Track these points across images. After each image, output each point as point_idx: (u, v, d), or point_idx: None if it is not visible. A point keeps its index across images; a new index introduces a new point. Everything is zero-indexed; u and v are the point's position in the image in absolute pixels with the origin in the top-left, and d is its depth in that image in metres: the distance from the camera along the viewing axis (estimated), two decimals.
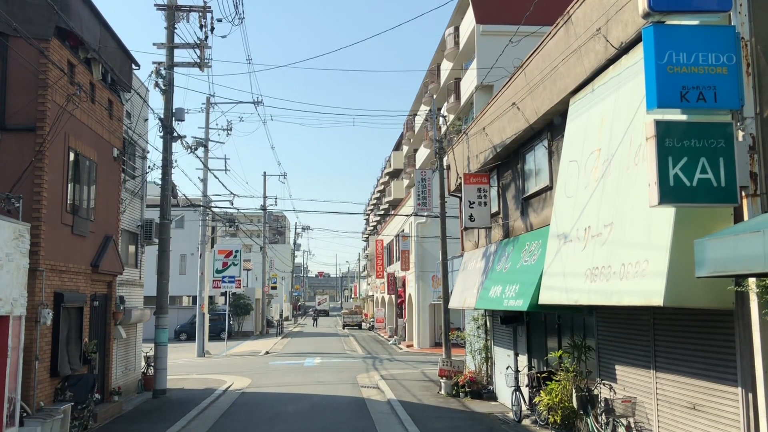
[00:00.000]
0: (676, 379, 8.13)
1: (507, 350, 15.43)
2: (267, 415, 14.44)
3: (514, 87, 13.67)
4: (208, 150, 30.09)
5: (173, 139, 18.68)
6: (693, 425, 7.74)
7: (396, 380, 20.11)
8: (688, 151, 6.31)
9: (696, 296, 6.81)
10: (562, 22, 10.97)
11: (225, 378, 21.11)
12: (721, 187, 6.31)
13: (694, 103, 6.32)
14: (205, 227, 29.96)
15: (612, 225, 8.38)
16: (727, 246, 5.27)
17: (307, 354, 30.81)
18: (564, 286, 9.64)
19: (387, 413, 14.45)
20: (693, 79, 6.33)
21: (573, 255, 9.52)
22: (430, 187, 22.70)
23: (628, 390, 9.39)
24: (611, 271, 8.15)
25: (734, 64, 6.39)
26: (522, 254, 12.71)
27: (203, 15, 19.06)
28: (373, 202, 76.62)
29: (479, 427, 12.93)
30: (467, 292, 16.01)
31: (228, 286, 32.37)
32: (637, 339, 9.16)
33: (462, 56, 36.89)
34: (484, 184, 16.33)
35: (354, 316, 58.45)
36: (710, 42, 6.41)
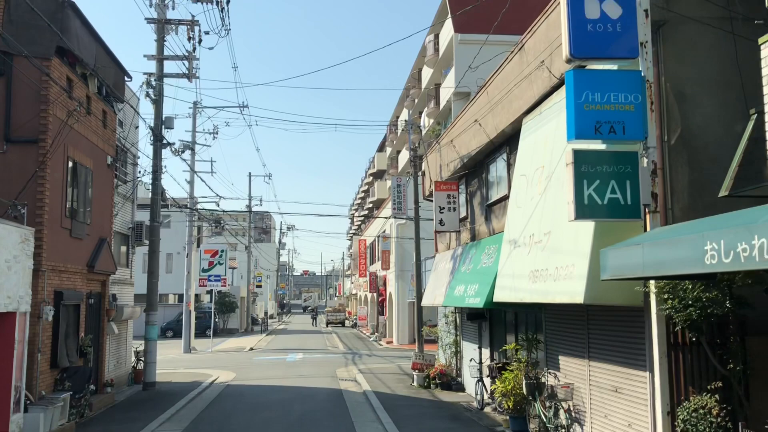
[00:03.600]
0: (604, 367, 9.43)
1: (473, 344, 16.72)
2: (250, 404, 15.64)
3: (478, 104, 14.95)
4: (194, 153, 31.19)
5: (163, 146, 19.80)
6: (616, 405, 9.04)
7: (373, 374, 21.36)
8: (600, 174, 7.60)
9: (611, 295, 8.11)
10: (517, 50, 12.25)
11: (211, 372, 22.26)
12: (627, 205, 7.61)
13: (606, 135, 7.60)
14: (192, 228, 31.03)
15: (550, 233, 9.67)
16: (620, 255, 6.55)
17: (290, 350, 32.00)
18: (513, 286, 10.93)
19: (361, 402, 15.69)
20: (605, 114, 7.62)
21: (520, 258, 10.80)
22: (405, 193, 23.98)
23: (569, 377, 10.69)
24: (548, 273, 9.45)
25: (640, 102, 7.69)
26: (482, 257, 14.00)
27: (191, 28, 20.16)
28: (358, 202, 77.83)
29: (444, 414, 14.21)
30: (437, 291, 17.30)
31: (214, 285, 33.48)
32: (575, 333, 10.46)
33: (441, 63, 38.17)
34: (454, 191, 17.62)
35: (337, 313, 59.65)
36: (620, 84, 7.69)
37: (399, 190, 24.28)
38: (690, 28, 8.33)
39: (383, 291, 39.28)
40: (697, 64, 8.37)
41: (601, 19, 7.68)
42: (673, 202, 8.12)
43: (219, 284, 33.66)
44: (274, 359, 27.51)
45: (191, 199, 30.41)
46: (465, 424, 12.97)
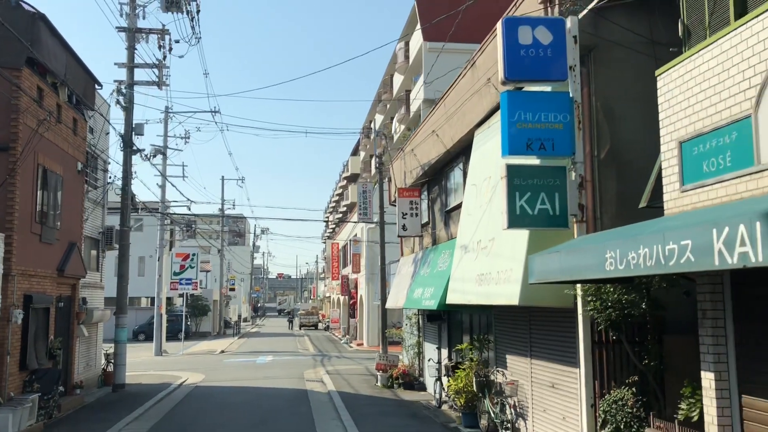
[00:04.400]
0: (543, 364, 10.14)
1: (433, 345, 17.38)
2: (217, 404, 16.13)
3: (436, 115, 15.64)
4: (166, 158, 31.49)
5: (133, 153, 20.20)
6: (553, 400, 9.74)
7: (340, 375, 21.93)
8: (531, 187, 8.29)
9: (543, 297, 8.81)
10: (469, 66, 12.96)
11: (180, 374, 22.65)
12: (556, 215, 8.31)
13: (537, 151, 8.30)
14: (163, 232, 31.33)
15: (494, 240, 10.36)
16: (543, 261, 7.24)
17: (261, 353, 32.42)
18: (463, 289, 11.61)
19: (325, 402, 16.27)
20: (536, 132, 8.31)
21: (469, 263, 11.49)
22: (370, 199, 24.63)
23: (514, 375, 11.39)
24: (491, 277, 10.14)
25: (568, 121, 8.39)
26: (439, 261, 14.68)
27: (161, 37, 20.61)
28: (332, 205, 78.29)
29: (404, 411, 14.85)
30: (400, 294, 17.95)
31: (185, 288, 33.78)
32: (520, 333, 11.16)
33: (411, 70, 38.90)
34: (416, 197, 18.29)
35: (310, 316, 60.00)
36: (550, 104, 8.40)
37: (365, 195, 24.92)
38: (618, 52, 9.05)
39: (354, 294, 39.85)
40: (625, 85, 9.10)
41: (533, 45, 8.36)
42: (602, 212, 8.84)
43: (190, 288, 33.97)
44: (244, 361, 27.94)
45: (163, 203, 30.72)
46: (421, 421, 13.62)
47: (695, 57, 5.82)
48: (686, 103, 5.91)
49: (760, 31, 4.93)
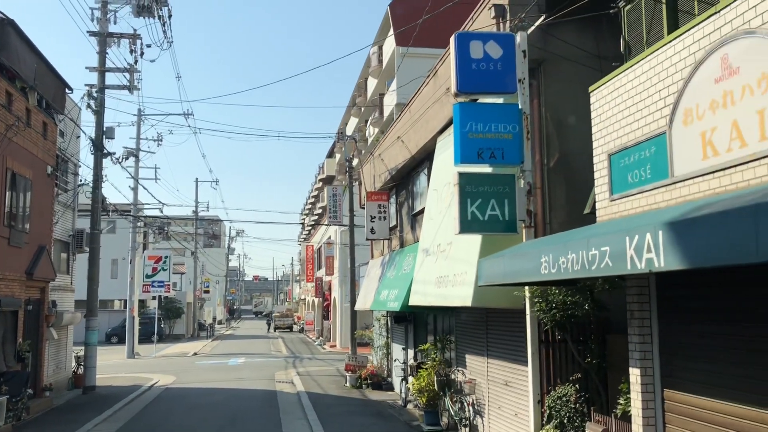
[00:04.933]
0: (498, 363, 10.57)
1: (401, 345, 17.79)
2: (186, 405, 16.36)
3: (403, 121, 16.05)
4: (138, 160, 31.54)
5: (104, 156, 20.33)
6: (506, 397, 10.18)
7: (310, 376, 22.24)
8: (482, 194, 8.71)
9: (495, 299, 9.24)
10: (432, 75, 13.38)
11: (152, 376, 22.77)
12: (505, 221, 8.73)
13: (488, 160, 8.72)
14: (135, 234, 31.36)
15: (452, 244, 10.78)
16: (490, 265, 7.65)
17: (234, 355, 32.58)
18: (424, 291, 12.01)
19: (293, 402, 16.58)
20: (487, 142, 8.73)
21: (430, 266, 11.89)
22: (340, 202, 24.98)
23: (473, 374, 11.81)
24: (449, 279, 10.55)
25: (517, 131, 8.82)
26: (404, 263, 15.08)
27: (133, 41, 20.77)
28: (308, 207, 78.41)
29: (369, 411, 15.21)
30: (368, 296, 18.31)
31: (157, 291, 33.82)
32: (478, 334, 11.58)
33: (385, 74, 39.31)
34: (384, 201, 18.68)
35: (285, 318, 60.12)
36: (501, 115, 8.82)
37: (335, 199, 25.27)
38: (567, 66, 9.51)
39: (328, 296, 40.14)
40: (573, 97, 9.54)
41: (484, 59, 8.79)
42: (552, 217, 9.29)
43: (163, 290, 34.01)
44: (216, 363, 28.10)
45: (135, 206, 30.76)
46: (385, 420, 14.00)
47: (622, 76, 6.28)
48: (614, 119, 6.36)
49: (672, 55, 5.38)
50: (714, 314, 5.47)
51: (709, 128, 4.88)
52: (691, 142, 5.10)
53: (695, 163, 5.06)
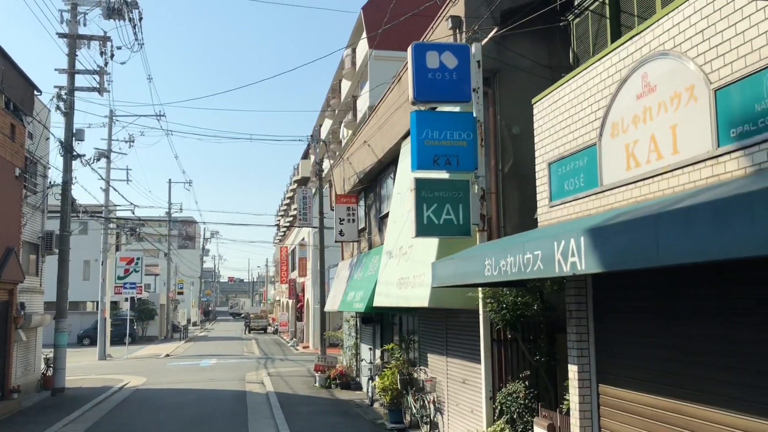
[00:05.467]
0: (457, 362, 10.93)
1: (369, 346, 18.10)
2: (155, 405, 16.50)
3: (370, 126, 16.37)
4: (110, 161, 31.47)
5: (73, 158, 20.36)
6: (464, 395, 10.53)
7: (281, 376, 22.45)
8: (438, 199, 9.06)
9: (451, 300, 9.58)
10: (396, 81, 13.71)
11: (123, 377, 22.81)
12: (460, 225, 9.09)
13: (443, 166, 9.07)
14: (107, 236, 31.28)
15: (412, 246, 11.11)
16: (442, 267, 7.99)
17: (206, 356, 32.64)
18: (387, 292, 12.33)
19: (262, 402, 16.80)
20: (442, 149, 9.08)
21: (393, 268, 12.22)
22: (310, 204, 25.25)
23: (434, 372, 12.16)
24: (409, 281, 10.88)
25: (472, 139, 9.19)
26: (370, 265, 15.40)
27: (103, 44, 20.84)
28: (284, 209, 78.39)
29: (336, 410, 15.50)
30: (336, 297, 18.60)
31: (129, 292, 33.74)
32: (438, 333, 11.93)
33: (358, 76, 39.63)
34: (353, 204, 18.99)
35: (259, 320, 60.10)
36: (456, 123, 9.18)
37: (305, 201, 25.53)
38: (521, 76, 9.90)
39: (302, 297, 40.31)
40: (527, 105, 9.86)
41: (440, 69, 9.14)
42: (506, 221, 9.67)
43: (134, 292, 33.94)
44: (187, 365, 28.17)
45: (106, 207, 30.70)
46: (351, 418, 14.30)
47: (560, 89, 6.65)
48: (553, 129, 6.74)
49: (602, 71, 5.77)
50: (639, 314, 5.86)
51: (632, 141, 5.26)
52: (617, 154, 5.49)
53: (620, 173, 5.45)
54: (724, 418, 4.92)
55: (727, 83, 4.25)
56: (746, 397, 4.68)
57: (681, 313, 5.36)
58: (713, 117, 4.37)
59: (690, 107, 4.59)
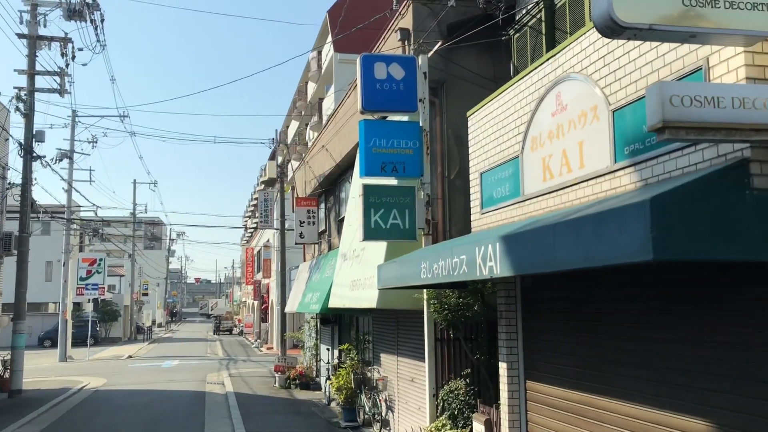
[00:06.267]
0: (406, 361, 11.32)
1: (327, 346, 18.42)
2: (114, 406, 16.60)
3: (329, 131, 16.71)
4: (72, 162, 31.28)
5: (33, 159, 20.31)
6: (412, 392, 10.93)
7: (242, 377, 22.63)
8: (385, 204, 9.44)
9: (398, 301, 9.97)
10: (353, 87, 14.06)
11: (83, 379, 22.76)
12: (406, 229, 9.48)
13: (390, 173, 9.45)
14: (69, 237, 31.09)
15: (364, 249, 11.48)
16: (386, 270, 8.36)
17: (169, 357, 32.59)
18: (341, 294, 12.67)
19: (220, 402, 17.01)
20: (390, 157, 9.46)
21: (347, 270, 12.57)
22: (272, 206, 25.46)
23: (386, 371, 12.54)
24: (361, 282, 11.24)
25: (418, 147, 9.59)
26: (327, 268, 15.73)
27: (64, 45, 20.80)
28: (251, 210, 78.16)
29: (293, 409, 15.79)
30: (296, 299, 18.89)
31: (91, 294, 33.56)
32: (390, 334, 12.32)
33: (324, 79, 39.88)
34: (313, 207, 19.30)
35: (225, 321, 59.92)
36: (402, 132, 9.57)
37: (266, 203, 25.74)
38: (467, 86, 10.33)
39: (266, 298, 40.44)
40: None
41: (387, 79, 9.52)
42: (451, 225, 10.10)
43: (97, 293, 33.76)
44: (149, 366, 28.15)
45: (68, 208, 30.51)
46: (306, 417, 14.61)
47: (491, 103, 7.09)
48: (485, 141, 7.16)
49: (524, 89, 6.20)
50: (561, 314, 6.30)
51: (548, 155, 5.69)
52: (536, 166, 5.92)
53: (538, 184, 5.88)
54: (633, 411, 5.37)
55: (622, 105, 4.69)
56: (656, 392, 5.10)
57: (598, 314, 5.80)
58: (611, 135, 4.82)
59: (594, 126, 5.03)
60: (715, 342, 4.43)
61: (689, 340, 4.71)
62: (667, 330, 4.93)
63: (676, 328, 4.82)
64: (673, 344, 4.84)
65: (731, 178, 3.58)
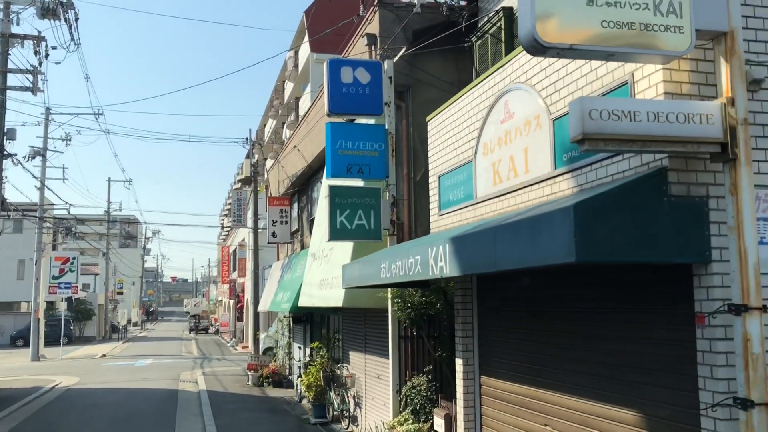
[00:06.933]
0: (373, 359, 11.58)
1: (300, 344, 18.62)
2: (85, 405, 16.65)
3: (301, 131, 16.90)
4: (45, 159, 31.09)
5: (4, 157, 20.24)
6: (378, 389, 11.20)
7: (215, 376, 22.73)
8: (350, 205, 9.68)
9: (363, 300, 10.22)
10: (323, 89, 14.27)
11: (55, 378, 22.70)
12: (371, 229, 9.73)
13: (356, 175, 9.70)
14: (41, 235, 30.90)
15: (333, 249, 11.71)
16: (350, 270, 8.61)
17: (143, 356, 32.52)
18: (310, 293, 12.89)
19: (192, 400, 17.13)
20: (355, 158, 9.71)
21: (316, 269, 12.79)
22: (245, 206, 25.61)
23: (355, 369, 12.79)
24: (329, 282, 11.48)
25: (383, 149, 9.84)
26: (297, 267, 15.93)
27: (37, 43, 20.77)
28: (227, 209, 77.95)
29: (264, 407, 15.98)
30: (268, 298, 19.06)
31: (64, 292, 33.37)
32: (358, 332, 12.57)
33: (300, 78, 40.02)
34: (286, 206, 19.48)
35: (201, 320, 59.75)
36: (368, 134, 9.82)
37: (239, 203, 25.88)
38: (433, 90, 10.60)
39: (242, 297, 40.45)
40: None
41: (354, 83, 9.75)
42: (417, 226, 10.36)
43: (69, 292, 33.57)
44: (123, 365, 28.11)
45: (41, 206, 30.33)
46: (278, 414, 14.82)
47: (448, 109, 7.36)
48: (442, 146, 7.44)
49: (477, 96, 6.48)
50: (513, 312, 6.60)
51: (498, 160, 5.98)
52: (487, 170, 6.20)
53: (489, 188, 6.16)
54: (575, 404, 5.66)
55: (561, 115, 4.99)
56: (594, 386, 5.40)
57: (544, 312, 6.10)
58: (552, 143, 5.11)
59: (537, 133, 5.32)
60: (648, 339, 4.73)
61: (625, 337, 5.01)
62: (607, 328, 5.22)
63: (614, 325, 5.12)
64: (612, 341, 5.14)
65: (650, 186, 3.88)
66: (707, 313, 3.89)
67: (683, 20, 3.67)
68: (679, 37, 3.65)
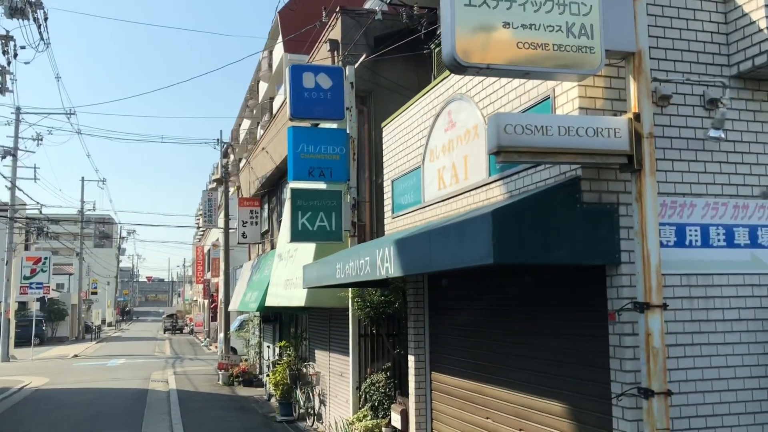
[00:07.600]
0: (337, 357, 11.85)
1: (269, 344, 18.82)
2: (54, 405, 16.70)
3: (270, 133, 17.12)
4: (16, 159, 30.90)
5: None
6: (341, 386, 11.47)
7: (186, 375, 22.84)
8: (312, 207, 9.95)
9: (325, 299, 10.49)
10: None
11: (24, 378, 22.64)
12: (332, 231, 10.01)
13: (317, 178, 9.97)
14: (12, 235, 30.71)
15: (297, 250, 11.97)
16: (310, 271, 8.88)
17: (115, 356, 32.46)
18: (276, 293, 13.13)
19: (161, 399, 17.26)
20: (317, 162, 9.98)
21: (282, 269, 13.04)
22: (216, 206, 25.72)
23: (320, 367, 13.05)
24: (293, 282, 11.72)
25: (345, 153, 10.13)
26: (265, 267, 16.15)
27: (5, 43, 20.73)
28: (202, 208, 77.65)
29: (233, 405, 16.18)
30: (238, 297, 19.24)
31: (36, 293, 33.16)
32: (323, 331, 12.83)
33: (275, 78, 40.01)
34: (256, 207, 19.67)
35: (177, 320, 59.55)
36: (330, 138, 10.10)
37: (210, 203, 26.00)
38: (395, 95, 10.88)
39: (216, 297, 40.43)
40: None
41: (315, 89, 10.03)
42: (378, 227, 10.65)
43: (41, 292, 33.37)
44: (94, 365, 28.07)
45: (12, 206, 30.14)
46: (245, 412, 15.03)
47: (400, 116, 7.67)
48: (394, 151, 7.75)
49: (425, 105, 6.79)
50: (459, 311, 6.92)
51: (442, 166, 6.29)
52: (433, 176, 6.52)
53: (435, 192, 6.48)
54: (512, 397, 5.99)
55: None
56: (526, 380, 5.73)
57: (489, 311, 6.42)
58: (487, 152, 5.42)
59: (475, 142, 5.64)
60: (574, 335, 5.07)
61: (556, 334, 5.34)
62: (542, 325, 5.56)
63: (547, 323, 5.45)
64: (545, 338, 5.47)
65: (564, 194, 4.21)
66: (617, 311, 4.23)
67: (594, 41, 4.00)
68: (591, 56, 3.98)
